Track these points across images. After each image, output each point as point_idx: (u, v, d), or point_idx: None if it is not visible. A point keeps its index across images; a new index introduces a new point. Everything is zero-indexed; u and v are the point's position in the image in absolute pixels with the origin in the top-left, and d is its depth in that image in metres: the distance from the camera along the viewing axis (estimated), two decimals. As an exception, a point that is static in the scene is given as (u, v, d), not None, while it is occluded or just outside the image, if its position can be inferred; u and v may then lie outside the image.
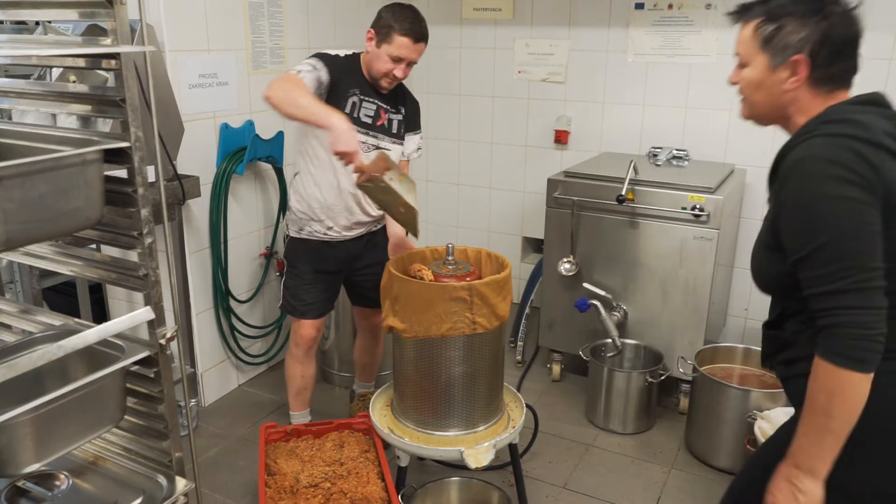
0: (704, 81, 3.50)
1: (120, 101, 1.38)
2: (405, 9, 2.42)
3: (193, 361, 3.10)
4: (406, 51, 2.39)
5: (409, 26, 2.37)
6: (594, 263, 3.19)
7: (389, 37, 2.37)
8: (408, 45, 2.38)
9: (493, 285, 2.15)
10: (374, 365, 3.04)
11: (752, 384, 2.86)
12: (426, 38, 2.43)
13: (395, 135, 2.57)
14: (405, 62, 2.42)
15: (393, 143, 2.57)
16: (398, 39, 2.37)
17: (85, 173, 1.34)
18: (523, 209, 4.17)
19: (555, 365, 3.45)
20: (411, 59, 2.42)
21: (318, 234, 2.57)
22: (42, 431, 1.38)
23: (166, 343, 1.54)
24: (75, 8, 1.39)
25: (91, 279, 1.69)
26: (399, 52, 2.38)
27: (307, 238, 2.58)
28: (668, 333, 3.10)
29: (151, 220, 1.48)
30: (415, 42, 2.39)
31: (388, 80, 2.46)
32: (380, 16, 2.43)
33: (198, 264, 3.05)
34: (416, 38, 2.39)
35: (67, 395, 1.37)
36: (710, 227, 2.92)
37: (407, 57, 2.40)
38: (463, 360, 2.20)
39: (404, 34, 2.37)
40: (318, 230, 2.57)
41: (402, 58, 2.40)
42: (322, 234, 2.57)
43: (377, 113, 2.51)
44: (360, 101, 2.47)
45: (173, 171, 2.69)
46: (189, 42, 2.84)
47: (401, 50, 2.38)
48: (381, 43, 2.40)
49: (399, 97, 2.59)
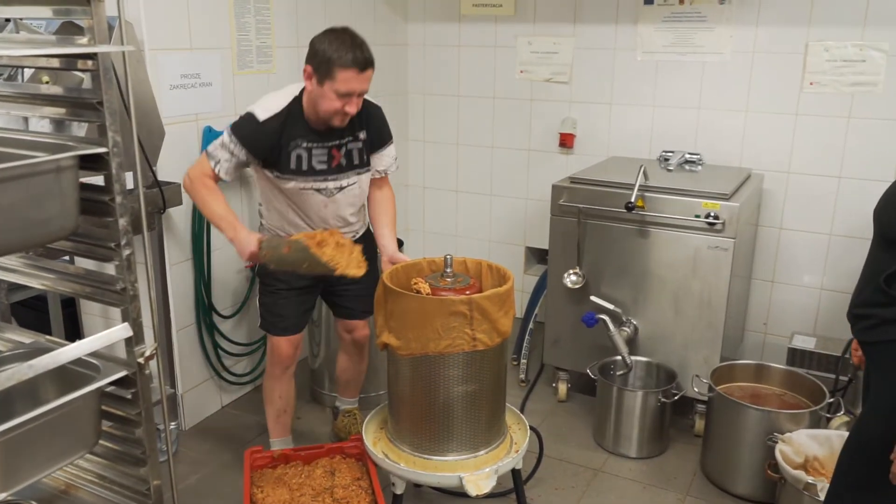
0: (718, 81, 3.51)
1: (97, 103, 1.38)
2: (340, 35, 2.28)
3: (173, 381, 3.09)
4: (353, 83, 2.27)
5: (350, 56, 2.24)
6: (602, 275, 3.19)
7: (331, 72, 2.25)
8: (354, 76, 2.26)
9: (495, 299, 2.15)
10: (358, 381, 3.05)
11: (772, 404, 2.86)
12: (372, 63, 2.31)
13: (357, 165, 2.53)
14: (355, 95, 2.31)
15: (358, 175, 2.55)
16: (341, 74, 2.25)
17: (59, 181, 1.34)
18: (526, 217, 4.18)
19: (561, 384, 3.44)
20: (360, 90, 2.31)
21: None
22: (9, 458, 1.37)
23: (145, 362, 1.54)
24: (50, 4, 1.40)
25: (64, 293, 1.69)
26: (346, 86, 2.27)
27: None
28: (681, 350, 3.10)
29: (130, 231, 1.48)
30: (361, 71, 2.27)
31: (339, 119, 2.37)
32: (314, 50, 2.29)
33: (179, 277, 3.05)
34: (361, 67, 2.27)
35: (38, 418, 1.36)
36: (725, 235, 2.92)
37: (355, 90, 2.29)
38: (462, 380, 2.19)
39: (347, 66, 2.24)
40: None
41: (350, 92, 2.29)
42: None
43: (330, 155, 2.47)
44: (309, 150, 2.43)
45: (153, 178, 2.69)
46: (170, 40, 2.84)
47: (348, 84, 2.27)
48: (323, 80, 2.28)
49: (356, 122, 2.48)
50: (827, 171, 3.38)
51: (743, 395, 2.90)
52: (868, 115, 3.25)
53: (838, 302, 3.40)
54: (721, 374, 2.98)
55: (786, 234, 3.52)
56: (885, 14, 3.14)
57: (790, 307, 3.57)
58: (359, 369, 2.99)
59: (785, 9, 3.31)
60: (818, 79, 3.31)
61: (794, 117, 3.39)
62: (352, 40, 2.27)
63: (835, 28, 3.23)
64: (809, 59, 3.30)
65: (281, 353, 2.65)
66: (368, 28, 3.90)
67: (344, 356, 2.97)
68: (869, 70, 3.21)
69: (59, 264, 1.66)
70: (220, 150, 2.40)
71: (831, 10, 3.23)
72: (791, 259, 3.53)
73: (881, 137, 3.24)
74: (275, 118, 2.39)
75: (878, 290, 1.84)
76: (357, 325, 2.83)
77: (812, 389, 2.86)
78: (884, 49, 3.17)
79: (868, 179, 3.28)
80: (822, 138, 3.36)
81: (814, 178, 3.41)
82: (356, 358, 2.95)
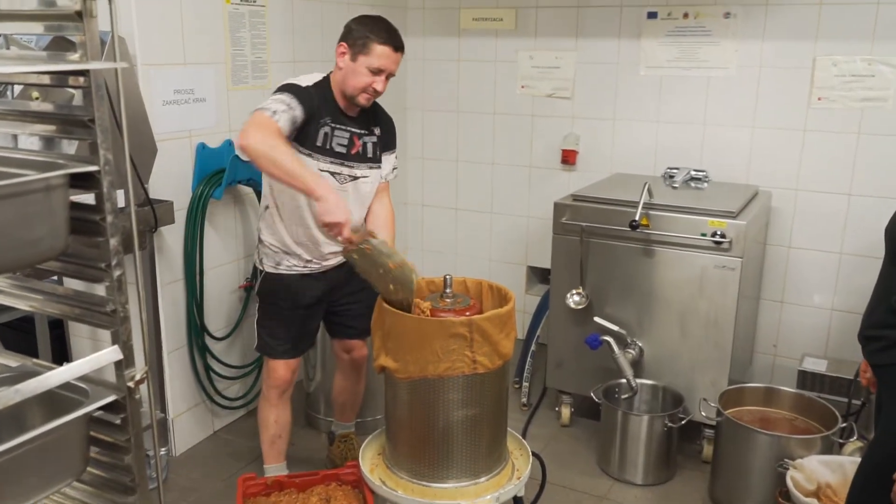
0: (724, 96, 3.53)
1: (88, 121, 1.39)
2: (377, 19, 2.48)
3: (164, 406, 3.08)
4: (386, 61, 2.43)
5: (386, 35, 2.43)
6: (606, 295, 3.19)
7: (367, 48, 2.41)
8: (388, 54, 2.43)
9: (496, 320, 2.15)
10: (355, 404, 3.04)
11: (783, 429, 2.85)
12: (403, 49, 2.49)
13: (371, 159, 2.59)
14: (385, 74, 2.45)
15: (370, 170, 2.59)
16: (377, 49, 2.41)
17: (49, 200, 1.34)
18: (528, 236, 4.19)
19: (564, 408, 3.43)
20: (391, 70, 2.46)
21: (298, 268, 2.58)
22: (-5, 486, 1.36)
23: (135, 386, 1.53)
24: (41, 21, 1.41)
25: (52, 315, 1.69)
26: (380, 62, 2.42)
27: (285, 273, 2.58)
28: (688, 373, 3.10)
29: (121, 251, 1.48)
30: (395, 51, 2.44)
31: (366, 96, 2.48)
32: (350, 28, 2.47)
33: (170, 298, 3.05)
34: (395, 47, 2.44)
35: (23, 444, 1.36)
36: (732, 254, 2.93)
37: (387, 68, 2.44)
38: (462, 404, 2.18)
39: (383, 43, 2.41)
40: (297, 263, 2.58)
41: (383, 69, 2.43)
42: (301, 268, 2.58)
43: (351, 141, 2.53)
44: (332, 129, 2.49)
45: (145, 196, 2.70)
46: (164, 55, 2.87)
47: (381, 60, 2.42)
48: (357, 55, 2.43)
49: (371, 117, 2.61)
50: (837, 188, 3.39)
51: (752, 420, 2.90)
52: (878, 130, 3.27)
53: (850, 323, 3.40)
54: (729, 397, 2.97)
55: (795, 253, 3.53)
56: (894, 28, 3.17)
57: (800, 328, 3.57)
58: (356, 391, 2.99)
59: (791, 23, 3.34)
60: (826, 94, 3.33)
61: (801, 133, 3.41)
62: (387, 24, 2.46)
63: (843, 42, 3.26)
64: (817, 74, 3.33)
65: (278, 378, 2.64)
66: (366, 42, 3.93)
67: (341, 377, 2.96)
68: (878, 85, 3.23)
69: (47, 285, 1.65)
70: (274, 103, 2.36)
71: (839, 24, 3.26)
72: (800, 279, 3.53)
73: (892, 154, 3.26)
74: (314, 87, 2.47)
75: (890, 310, 1.84)
76: (356, 345, 2.83)
77: (824, 414, 2.85)
78: (893, 64, 3.19)
79: (879, 197, 3.29)
80: (831, 155, 3.38)
81: (823, 196, 3.42)
82: (354, 379, 2.94)
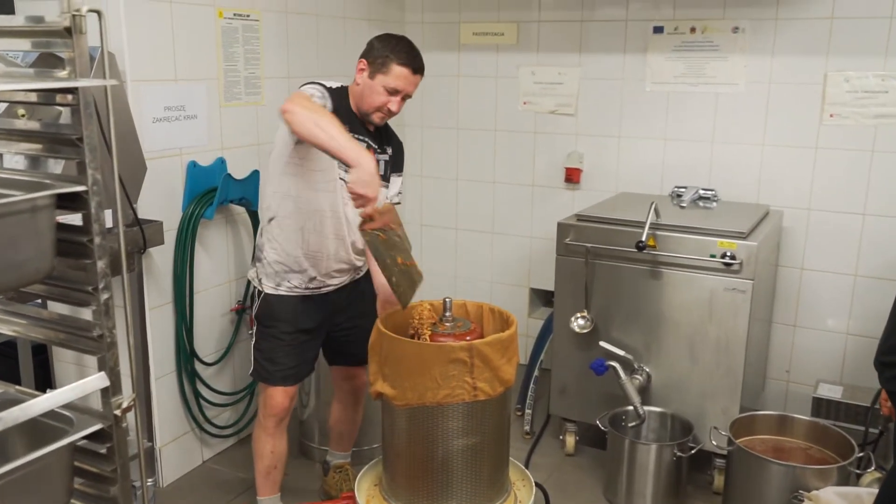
0: (733, 113, 3.55)
1: (77, 139, 1.40)
2: (400, 39, 2.53)
3: (151, 434, 3.07)
4: (404, 82, 2.48)
5: (406, 56, 2.48)
6: (612, 319, 3.19)
7: (386, 67, 2.46)
8: (406, 75, 2.48)
9: (497, 345, 2.15)
10: (352, 433, 3.04)
11: (797, 459, 2.84)
12: (423, 71, 2.54)
13: (382, 176, 2.61)
14: (401, 95, 2.50)
15: (381, 186, 2.60)
16: (396, 69, 2.46)
17: (35, 221, 1.35)
18: (530, 257, 4.19)
19: (568, 436, 3.42)
20: (408, 91, 2.51)
21: (299, 289, 2.58)
22: (-26, 519, 1.36)
23: (122, 414, 1.53)
24: (29, 37, 1.42)
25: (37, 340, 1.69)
26: (396, 82, 2.47)
27: (286, 294, 2.58)
28: (698, 400, 3.09)
29: (108, 273, 1.49)
30: (413, 73, 2.49)
31: (380, 116, 2.54)
32: (372, 45, 2.52)
33: (159, 321, 3.05)
34: (414, 69, 2.49)
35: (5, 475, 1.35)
36: (743, 276, 2.93)
37: (404, 89, 2.49)
38: (462, 432, 2.18)
39: (402, 64, 2.46)
40: (299, 284, 2.58)
41: (399, 90, 2.49)
42: (303, 289, 2.58)
43: None
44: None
45: (133, 216, 2.71)
46: (154, 71, 2.89)
47: (398, 81, 2.47)
48: (375, 73, 2.48)
49: (384, 136, 2.67)
50: (850, 207, 3.40)
51: (765, 449, 2.89)
52: (893, 148, 3.29)
53: (866, 347, 3.40)
54: (741, 425, 2.96)
55: (808, 275, 3.54)
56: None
57: (814, 353, 3.56)
58: (354, 420, 2.98)
59: (802, 38, 3.37)
60: (838, 111, 3.35)
61: (813, 151, 3.43)
62: (409, 45, 2.53)
63: (855, 58, 3.29)
64: (829, 90, 3.35)
65: (276, 406, 2.63)
66: (363, 57, 3.96)
67: (339, 406, 2.96)
68: (892, 101, 3.25)
69: (31, 309, 1.66)
70: (311, 88, 2.45)
71: (851, 38, 3.28)
72: (814, 301, 3.54)
73: (908, 172, 3.28)
74: (336, 91, 2.51)
75: None
76: (356, 373, 2.83)
77: (839, 443, 2.84)
78: (907, 80, 3.22)
79: (895, 217, 3.30)
80: (844, 173, 3.39)
81: (836, 215, 3.43)
82: (352, 408, 2.94)
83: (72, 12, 1.34)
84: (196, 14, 3.03)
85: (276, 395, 2.62)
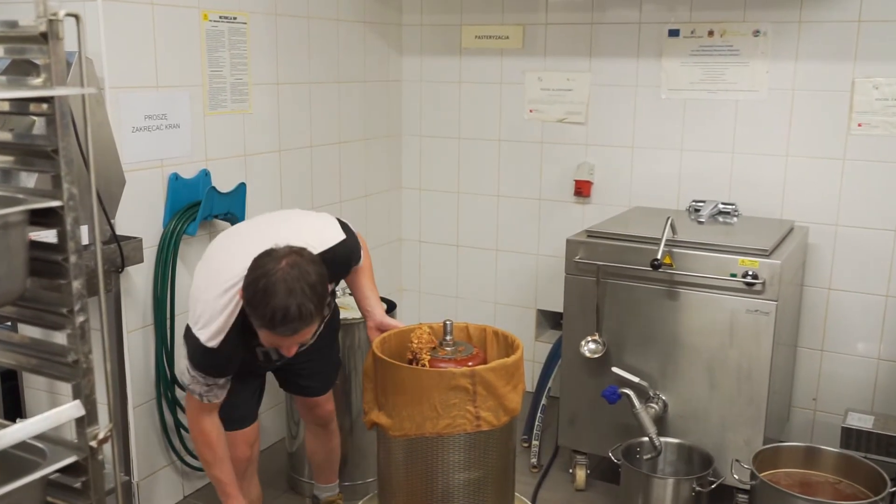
0: (754, 122, 3.57)
1: (52, 151, 1.41)
2: (267, 294, 2.10)
3: (128, 467, 3.06)
4: (279, 341, 2.22)
5: (267, 321, 2.12)
6: (625, 343, 3.20)
7: (254, 320, 2.19)
8: (270, 337, 2.21)
9: (501, 371, 2.15)
10: (331, 462, 3.05)
11: (825, 494, 2.83)
12: (297, 320, 2.11)
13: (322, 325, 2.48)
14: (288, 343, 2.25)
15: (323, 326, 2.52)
16: (260, 330, 2.21)
17: (6, 238, 1.36)
18: (537, 276, 4.20)
19: (578, 469, 3.41)
20: (291, 344, 2.25)
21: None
22: (-61, 559, 1.36)
23: (98, 445, 1.53)
24: (2, 43, 1.43)
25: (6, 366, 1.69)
26: (268, 340, 2.24)
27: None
28: (718, 430, 3.08)
29: (84, 294, 1.50)
30: (280, 336, 2.18)
31: (277, 354, 2.43)
32: (246, 283, 2.17)
33: (137, 345, 3.05)
34: (282, 333, 2.16)
35: (-27, 512, 1.36)
36: (765, 297, 2.94)
37: (284, 345, 2.25)
38: (464, 465, 2.18)
39: (261, 327, 2.18)
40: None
41: (279, 345, 2.27)
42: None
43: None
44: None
45: (111, 232, 2.72)
46: (134, 77, 2.91)
47: (268, 339, 2.23)
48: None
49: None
50: (881, 223, 3.41)
51: (791, 484, 2.88)
52: (925, 160, 3.31)
53: (899, 374, 3.40)
54: (765, 458, 2.96)
55: (835, 296, 3.54)
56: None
57: (843, 380, 3.56)
58: (329, 448, 3.00)
59: (827, 42, 3.39)
60: (867, 119, 3.37)
61: (840, 162, 3.44)
62: (278, 302, 2.08)
63: (885, 63, 3.31)
64: (857, 98, 3.37)
65: (237, 455, 2.61)
66: (357, 62, 3.99)
67: (310, 436, 3.00)
68: (924, 110, 3.27)
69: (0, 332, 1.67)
70: (194, 383, 2.38)
71: (880, 42, 3.30)
72: (842, 324, 3.54)
73: (941, 185, 3.29)
74: (224, 341, 2.29)
75: None
76: (318, 402, 2.85)
77: (870, 476, 2.83)
78: (940, 86, 3.24)
79: (928, 233, 3.32)
80: (874, 186, 3.40)
81: (866, 232, 3.44)
82: (323, 437, 2.96)
83: (48, 17, 1.35)
84: (179, 16, 3.05)
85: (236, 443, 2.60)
